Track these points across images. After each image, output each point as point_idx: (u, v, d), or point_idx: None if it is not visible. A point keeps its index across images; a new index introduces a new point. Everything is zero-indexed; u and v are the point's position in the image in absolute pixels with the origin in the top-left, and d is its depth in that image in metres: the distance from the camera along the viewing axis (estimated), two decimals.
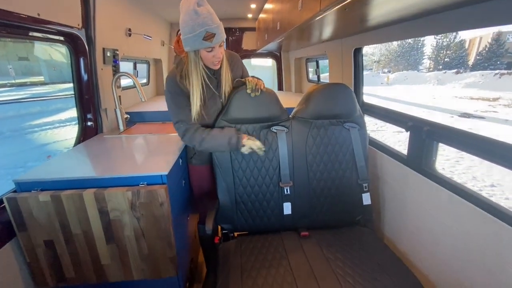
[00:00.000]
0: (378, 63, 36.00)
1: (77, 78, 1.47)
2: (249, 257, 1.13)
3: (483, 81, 15.19)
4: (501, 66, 17.67)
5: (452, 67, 20.06)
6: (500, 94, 12.32)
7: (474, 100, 11.50)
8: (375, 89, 15.21)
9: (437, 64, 22.28)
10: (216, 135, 1.15)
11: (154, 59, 2.76)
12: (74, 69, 1.45)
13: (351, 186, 1.31)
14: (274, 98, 1.26)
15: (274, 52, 3.22)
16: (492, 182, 4.03)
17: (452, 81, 16.67)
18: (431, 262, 1.07)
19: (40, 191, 0.96)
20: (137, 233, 1.01)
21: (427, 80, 18.10)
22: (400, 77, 19.34)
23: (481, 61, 22.88)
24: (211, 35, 0.98)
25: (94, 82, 1.51)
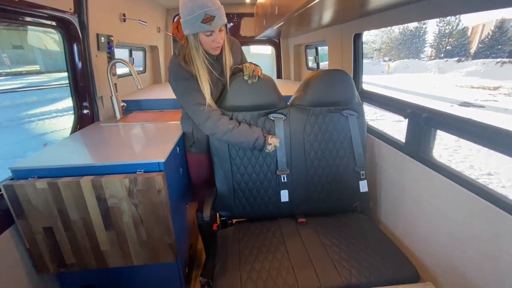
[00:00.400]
0: (379, 51, 35.45)
1: (71, 65, 1.44)
2: (247, 243, 1.15)
3: (484, 70, 15.04)
4: (503, 55, 17.45)
5: (454, 55, 19.80)
6: (501, 83, 12.23)
7: (475, 89, 11.41)
8: (375, 78, 15.07)
9: (438, 52, 21.98)
10: (244, 131, 1.14)
11: (150, 46, 2.70)
12: (67, 56, 1.41)
13: (349, 174, 1.31)
14: (272, 85, 1.25)
15: (273, 39, 3.15)
16: (489, 171, 4.06)
17: (453, 70, 16.49)
18: (427, 247, 1.09)
19: (37, 179, 0.96)
20: (135, 220, 1.02)
21: (428, 69, 17.88)
22: (401, 65, 19.10)
23: (483, 49, 22.57)
24: (210, 18, 0.96)
25: (89, 69, 1.48)
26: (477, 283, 0.86)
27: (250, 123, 1.24)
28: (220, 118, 1.13)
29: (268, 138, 1.16)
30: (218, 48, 1.08)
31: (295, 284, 0.94)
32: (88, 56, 1.47)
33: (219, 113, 1.15)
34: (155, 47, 2.75)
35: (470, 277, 0.88)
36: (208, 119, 1.11)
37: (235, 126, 1.13)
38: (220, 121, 1.12)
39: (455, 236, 0.94)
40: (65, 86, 1.51)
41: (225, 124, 1.12)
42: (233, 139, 1.14)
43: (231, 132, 1.12)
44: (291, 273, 0.98)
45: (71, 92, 1.48)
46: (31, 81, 13.72)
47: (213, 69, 1.15)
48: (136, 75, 1.49)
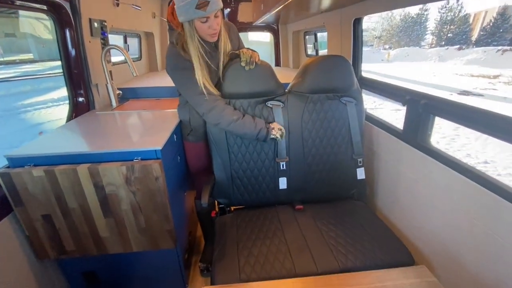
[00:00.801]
0: (379, 39, 34.87)
1: (64, 52, 1.40)
2: (245, 229, 1.16)
3: (484, 58, 14.88)
4: (504, 42, 17.24)
5: (455, 43, 19.53)
6: (500, 71, 12.14)
7: (475, 78, 11.33)
8: (374, 67, 14.91)
9: (439, 40, 21.65)
10: (248, 123, 1.13)
11: (145, 33, 2.64)
12: (60, 42, 1.38)
13: (346, 161, 1.32)
14: (270, 71, 1.23)
15: (271, 24, 3.08)
16: (486, 159, 4.10)
17: (453, 58, 16.31)
18: (421, 232, 1.11)
19: (34, 166, 0.95)
20: (134, 207, 1.03)
21: (428, 57, 17.67)
22: (401, 53, 18.86)
23: (484, 36, 22.25)
24: (205, 3, 0.93)
25: (83, 56, 1.45)
26: (470, 266, 0.88)
27: (247, 110, 1.22)
28: (225, 109, 1.12)
29: (270, 129, 1.16)
30: (215, 35, 1.06)
31: (292, 268, 0.96)
32: (81, 42, 1.43)
33: (223, 102, 1.15)
34: (151, 33, 2.68)
35: (463, 261, 0.90)
36: (212, 110, 1.10)
37: (239, 117, 1.13)
38: (225, 111, 1.11)
39: (449, 220, 0.95)
40: (59, 75, 1.48)
41: (229, 115, 1.11)
42: (236, 130, 1.14)
43: (236, 123, 1.11)
44: (288, 257, 1.00)
45: (65, 79, 1.45)
46: (25, 70, 13.45)
47: (211, 57, 1.12)
48: (131, 62, 1.46)
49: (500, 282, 0.78)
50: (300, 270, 0.95)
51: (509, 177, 3.60)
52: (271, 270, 0.95)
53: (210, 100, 1.10)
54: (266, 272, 0.94)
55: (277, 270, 0.95)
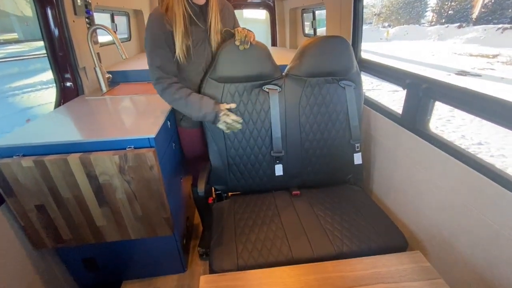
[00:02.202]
0: (378, 16, 33.75)
1: (47, 33, 1.31)
2: (242, 215, 1.17)
3: (484, 37, 14.58)
4: (505, 20, 16.82)
5: (455, 21, 18.99)
6: (499, 51, 11.95)
7: (473, 57, 11.16)
8: (372, 46, 14.56)
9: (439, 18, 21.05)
10: (191, 103, 1.08)
11: (134, 11, 2.49)
12: (41, 22, 1.28)
13: (343, 146, 1.31)
14: (266, 53, 1.17)
15: (267, 1, 2.93)
16: (480, 141, 4.14)
17: (453, 36, 15.96)
18: (416, 217, 1.13)
19: (22, 157, 0.92)
20: (129, 196, 1.01)
21: (428, 35, 17.26)
22: (400, 32, 18.37)
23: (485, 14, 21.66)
24: None
25: (67, 37, 1.36)
26: (463, 250, 0.90)
27: (243, 95, 1.18)
28: (171, 86, 1.08)
29: (220, 114, 1.09)
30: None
31: (289, 253, 0.97)
32: (65, 21, 1.34)
33: (173, 80, 1.10)
34: (140, 11, 2.53)
35: (457, 245, 0.92)
36: (159, 83, 1.07)
37: (182, 97, 1.08)
38: (170, 88, 1.07)
39: (444, 205, 0.96)
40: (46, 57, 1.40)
41: (172, 93, 1.07)
42: (179, 108, 1.11)
43: (178, 101, 1.08)
44: (285, 243, 1.01)
45: (50, 63, 1.37)
46: (11, 51, 12.87)
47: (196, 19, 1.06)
48: (120, 43, 1.38)
49: (493, 266, 0.80)
50: (296, 255, 0.97)
51: (502, 158, 3.66)
52: (268, 255, 0.97)
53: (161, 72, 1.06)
54: (264, 258, 0.96)
55: (274, 255, 0.97)
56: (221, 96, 1.17)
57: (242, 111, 1.20)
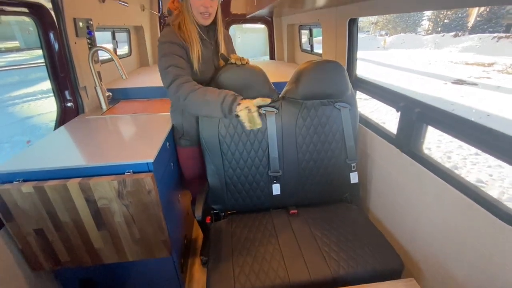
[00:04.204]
0: (375, 25, 34.28)
1: (49, 55, 1.35)
2: (240, 235, 1.18)
3: (480, 45, 14.81)
4: (500, 29, 17.13)
5: (451, 30, 19.33)
6: (495, 59, 12.13)
7: (469, 66, 11.32)
8: (370, 54, 14.74)
9: (436, 26, 21.42)
10: (212, 91, 1.02)
11: (134, 27, 2.54)
12: (44, 45, 1.32)
13: (340, 166, 1.32)
14: (263, 77, 1.20)
15: (265, 17, 2.99)
16: (477, 151, 4.17)
17: (449, 45, 16.21)
18: (412, 239, 1.14)
19: (23, 182, 0.93)
20: (127, 219, 1.02)
21: (424, 44, 17.51)
22: (397, 40, 18.64)
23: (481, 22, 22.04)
24: None
25: (68, 58, 1.39)
26: (458, 277, 0.91)
27: None
28: (188, 81, 1.04)
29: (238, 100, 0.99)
30: (206, 15, 1.07)
31: (285, 277, 0.98)
32: (67, 44, 1.37)
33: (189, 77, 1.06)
34: (140, 27, 2.58)
35: (451, 271, 0.93)
36: (175, 80, 1.02)
37: (200, 87, 1.03)
38: (187, 83, 1.03)
39: (439, 230, 0.98)
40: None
41: (190, 85, 1.02)
42: (197, 99, 1.01)
43: (195, 91, 1.01)
44: (282, 265, 1.02)
45: (51, 83, 1.40)
46: (12, 59, 12.96)
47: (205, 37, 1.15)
48: (120, 64, 1.41)
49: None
50: (293, 279, 0.97)
51: (499, 168, 3.68)
52: (265, 279, 0.97)
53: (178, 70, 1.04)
54: (261, 281, 0.96)
55: (271, 279, 0.97)
56: (218, 118, 1.19)
57: (239, 133, 1.22)
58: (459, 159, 3.90)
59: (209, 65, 1.20)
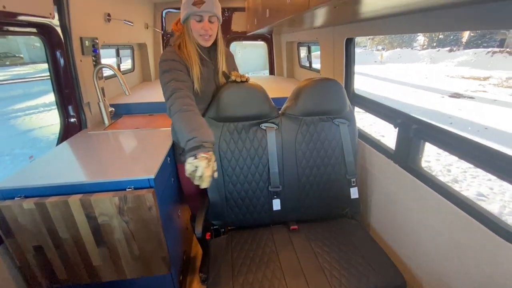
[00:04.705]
0: (372, 40, 35.21)
1: (55, 72, 1.38)
2: (240, 253, 1.16)
3: (475, 60, 15.13)
4: (494, 44, 17.58)
5: (446, 45, 19.81)
6: (491, 73, 12.36)
7: (465, 79, 11.53)
8: (368, 69, 15.04)
9: (431, 41, 21.98)
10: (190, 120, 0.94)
11: (138, 44, 2.62)
12: (50, 62, 1.36)
13: (340, 181, 1.33)
14: (263, 94, 1.23)
15: (265, 34, 3.09)
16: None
17: (444, 60, 16.56)
18: (414, 255, 1.13)
19: (24, 198, 0.94)
20: (127, 236, 1.02)
21: (420, 59, 17.90)
22: (393, 55, 19.08)
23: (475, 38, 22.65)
24: (200, 1, 1.04)
25: (74, 75, 1.43)
26: None
27: (241, 133, 1.23)
28: (185, 97, 1.00)
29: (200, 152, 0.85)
30: (206, 37, 1.11)
31: None
32: (72, 61, 1.41)
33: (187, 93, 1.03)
34: (144, 44, 2.66)
35: (453, 287, 0.92)
36: (174, 92, 1.00)
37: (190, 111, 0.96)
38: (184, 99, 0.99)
39: (440, 247, 0.97)
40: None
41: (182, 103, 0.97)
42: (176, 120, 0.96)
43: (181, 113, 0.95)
44: (283, 284, 1.01)
45: (55, 99, 1.43)
46: (16, 72, 13.18)
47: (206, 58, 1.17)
48: (124, 81, 1.45)
49: None
50: None
51: (499, 182, 3.67)
52: None
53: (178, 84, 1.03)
54: None
55: None
56: (219, 134, 1.21)
57: (240, 148, 1.23)
58: (459, 172, 3.90)
59: (209, 84, 1.23)
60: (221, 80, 1.25)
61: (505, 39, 16.04)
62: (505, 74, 11.99)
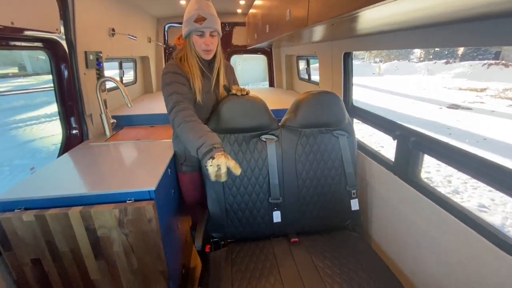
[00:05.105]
0: (370, 52, 35.92)
1: (59, 85, 1.41)
2: (240, 266, 1.15)
3: (471, 72, 15.39)
4: (489, 56, 17.94)
5: (442, 57, 20.20)
6: (487, 85, 12.54)
7: (462, 91, 11.68)
8: (366, 80, 15.27)
9: (427, 54, 22.46)
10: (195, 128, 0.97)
11: (140, 57, 2.67)
12: (55, 75, 1.39)
13: (340, 192, 1.33)
14: (263, 107, 1.25)
15: (265, 48, 3.16)
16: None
17: (441, 71, 16.84)
18: (415, 268, 1.11)
19: (24, 210, 0.93)
20: (126, 249, 1.01)
21: (417, 71, 18.21)
22: (391, 67, 19.40)
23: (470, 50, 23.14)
24: (202, 18, 1.10)
25: (77, 88, 1.46)
26: None
27: (241, 144, 1.24)
28: (186, 109, 1.03)
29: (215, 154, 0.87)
30: (207, 51, 1.16)
31: None
32: (76, 74, 1.44)
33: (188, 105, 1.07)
34: (146, 57, 2.72)
35: None
36: (176, 105, 1.04)
37: (193, 121, 1.00)
38: (185, 111, 1.03)
39: (442, 259, 0.96)
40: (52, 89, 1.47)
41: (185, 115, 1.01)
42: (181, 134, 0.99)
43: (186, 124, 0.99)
44: None
45: (58, 111, 1.45)
46: (19, 84, 13.34)
47: (206, 71, 1.22)
48: (127, 94, 1.47)
49: None
50: None
51: (500, 193, 3.65)
52: None
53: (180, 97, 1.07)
54: None
55: None
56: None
57: (240, 160, 1.24)
58: (459, 183, 3.89)
59: (210, 96, 1.26)
60: (221, 91, 1.28)
61: (501, 52, 16.36)
62: (502, 85, 12.16)
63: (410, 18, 0.77)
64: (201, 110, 1.23)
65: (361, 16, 0.73)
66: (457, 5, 0.55)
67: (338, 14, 0.73)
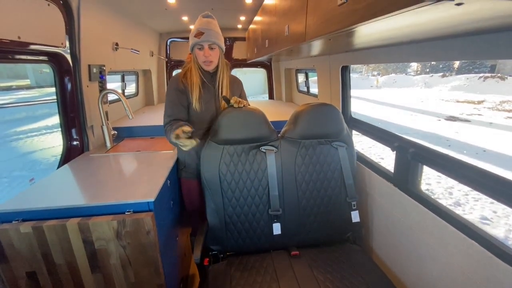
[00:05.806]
0: (368, 66, 36.61)
1: (62, 97, 1.43)
2: (239, 279, 1.12)
3: (468, 84, 15.62)
4: (485, 69, 18.26)
5: (439, 71, 20.57)
6: (484, 97, 12.70)
7: (460, 103, 11.81)
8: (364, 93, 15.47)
9: (424, 67, 22.88)
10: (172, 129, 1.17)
11: (143, 70, 2.73)
12: (58, 88, 1.41)
13: (340, 204, 1.32)
14: (263, 118, 1.27)
15: (264, 62, 3.23)
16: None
17: (438, 84, 17.10)
18: (417, 281, 1.09)
19: (22, 222, 0.93)
20: (123, 262, 0.99)
21: (414, 83, 18.49)
22: (388, 80, 19.71)
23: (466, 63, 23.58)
24: (200, 33, 1.20)
25: (80, 100, 1.48)
26: None
27: (241, 155, 1.25)
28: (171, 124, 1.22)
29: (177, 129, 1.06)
30: (207, 63, 1.25)
31: None
32: (79, 87, 1.47)
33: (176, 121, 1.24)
34: (148, 70, 2.77)
35: None
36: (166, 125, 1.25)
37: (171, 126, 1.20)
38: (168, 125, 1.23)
39: (444, 272, 0.94)
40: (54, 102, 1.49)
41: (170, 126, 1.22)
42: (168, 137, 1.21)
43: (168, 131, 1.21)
44: None
45: (60, 122, 1.46)
46: (22, 96, 13.51)
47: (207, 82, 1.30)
48: (128, 106, 1.49)
49: None
50: None
51: (502, 204, 3.61)
52: None
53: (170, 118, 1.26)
54: None
55: None
56: (220, 156, 1.23)
57: (240, 171, 1.24)
58: (460, 195, 3.86)
59: (209, 106, 1.32)
60: (222, 103, 1.32)
61: (496, 65, 16.69)
62: (499, 98, 12.31)
63: (405, 33, 0.80)
64: (200, 120, 1.31)
65: (357, 31, 0.76)
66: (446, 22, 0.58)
67: (334, 29, 0.76)
